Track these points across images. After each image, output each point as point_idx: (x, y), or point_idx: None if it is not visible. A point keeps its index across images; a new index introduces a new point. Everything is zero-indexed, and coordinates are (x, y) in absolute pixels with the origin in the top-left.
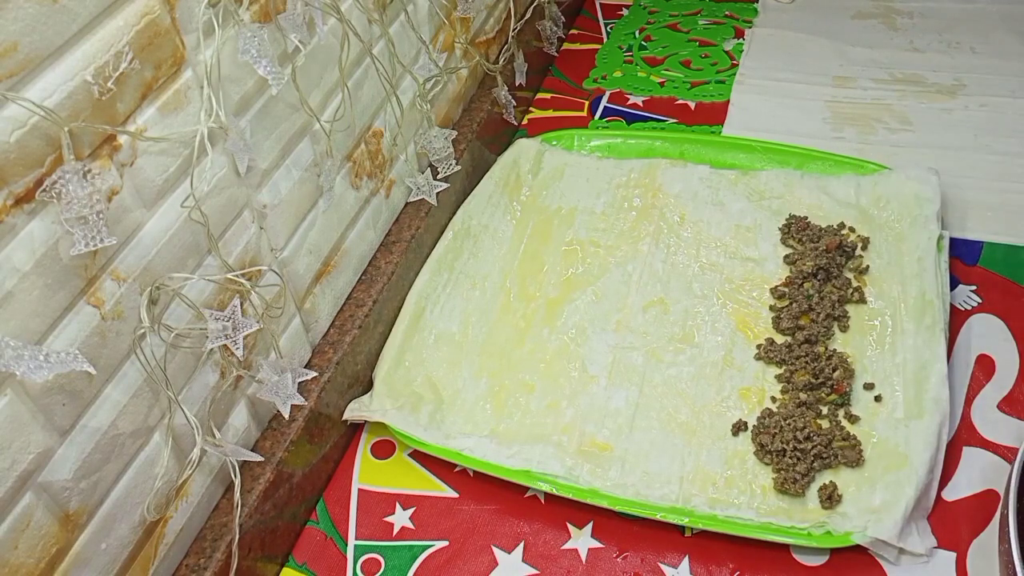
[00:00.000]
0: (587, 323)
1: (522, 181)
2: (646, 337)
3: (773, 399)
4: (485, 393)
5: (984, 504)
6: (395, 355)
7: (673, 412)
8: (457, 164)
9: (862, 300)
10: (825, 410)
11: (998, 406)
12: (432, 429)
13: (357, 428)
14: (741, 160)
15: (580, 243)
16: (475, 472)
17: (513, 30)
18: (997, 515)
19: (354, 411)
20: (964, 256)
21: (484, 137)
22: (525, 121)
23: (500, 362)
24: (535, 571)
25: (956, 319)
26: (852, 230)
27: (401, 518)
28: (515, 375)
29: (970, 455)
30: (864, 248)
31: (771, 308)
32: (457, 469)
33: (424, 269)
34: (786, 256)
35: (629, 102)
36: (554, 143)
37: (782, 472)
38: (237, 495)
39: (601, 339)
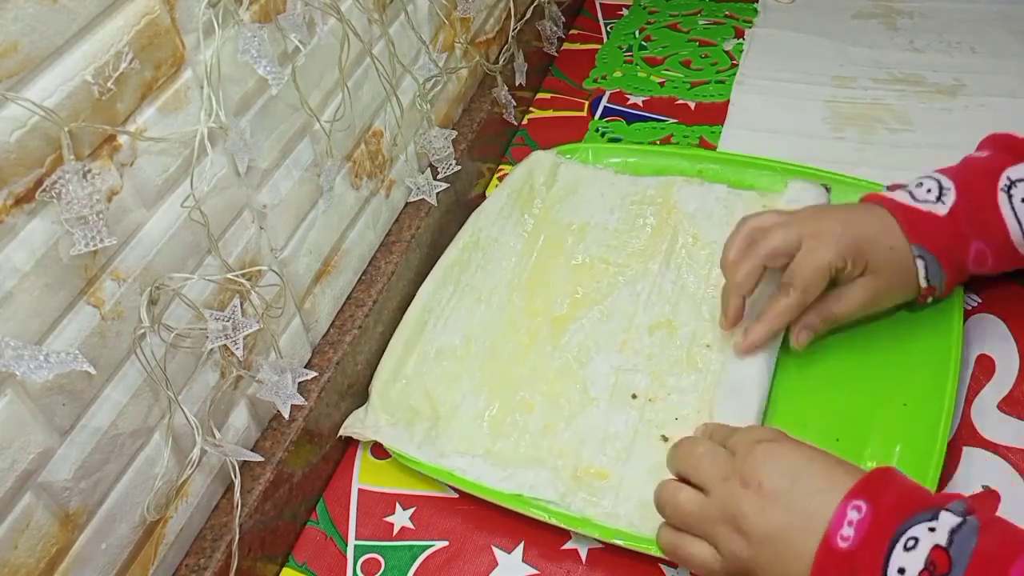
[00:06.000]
0: (591, 343)
1: (535, 194)
2: (651, 360)
3: None
4: (483, 410)
5: (984, 504)
6: (393, 367)
7: (673, 439)
8: (457, 164)
9: None
10: None
11: (998, 406)
12: (426, 446)
13: None
14: (760, 181)
15: (591, 259)
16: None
17: (513, 30)
18: None
19: (348, 427)
20: None
21: (484, 137)
22: (525, 121)
23: (501, 379)
24: (535, 571)
25: None
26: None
27: (401, 518)
28: (515, 393)
29: (970, 455)
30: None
31: None
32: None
33: (428, 279)
34: None
35: (629, 102)
36: (569, 157)
37: None
38: (237, 495)
39: (605, 360)
